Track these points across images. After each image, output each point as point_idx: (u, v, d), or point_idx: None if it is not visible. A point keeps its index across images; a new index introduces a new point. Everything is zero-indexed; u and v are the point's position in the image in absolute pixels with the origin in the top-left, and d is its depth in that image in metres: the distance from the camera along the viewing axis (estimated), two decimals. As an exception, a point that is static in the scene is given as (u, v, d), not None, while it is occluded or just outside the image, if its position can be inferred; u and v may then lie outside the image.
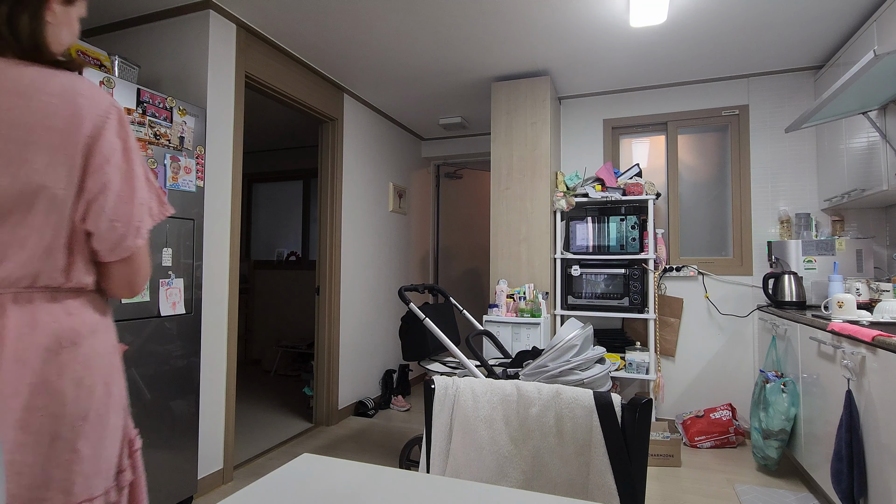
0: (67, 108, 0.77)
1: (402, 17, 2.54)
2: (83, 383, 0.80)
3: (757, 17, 2.54)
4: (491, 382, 1.08)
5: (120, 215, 0.81)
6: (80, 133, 0.77)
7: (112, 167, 0.80)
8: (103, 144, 0.79)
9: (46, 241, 0.77)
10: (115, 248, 0.82)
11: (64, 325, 0.79)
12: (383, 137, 4.18)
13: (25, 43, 0.78)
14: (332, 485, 0.77)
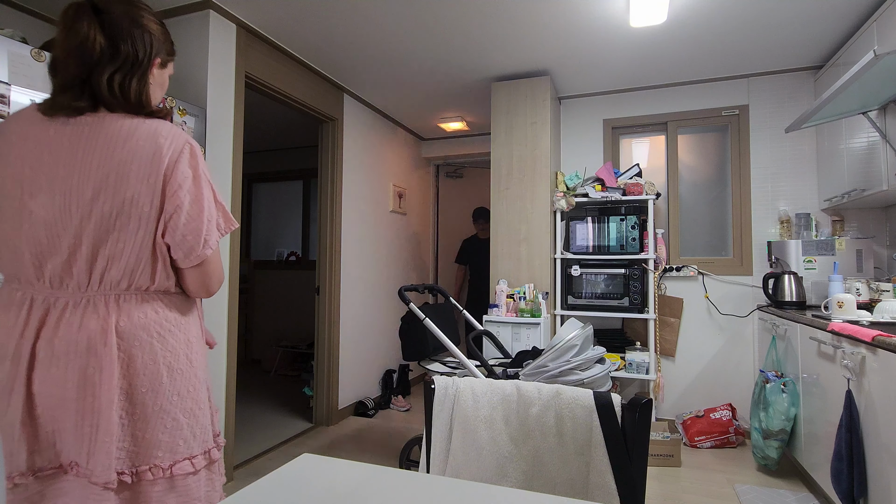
0: (151, 146, 0.96)
1: (402, 17, 2.54)
2: (173, 367, 0.99)
3: (757, 17, 2.54)
4: (491, 382, 1.08)
5: (190, 230, 0.98)
6: (160, 166, 0.96)
7: (184, 192, 0.98)
8: (177, 174, 0.97)
9: (137, 252, 0.96)
10: (187, 256, 1.00)
11: (151, 321, 0.98)
12: (383, 137, 4.18)
13: (132, 103, 1.00)
14: (332, 485, 0.77)
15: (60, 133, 0.96)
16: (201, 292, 1.06)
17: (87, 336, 0.93)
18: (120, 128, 0.96)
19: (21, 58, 1.61)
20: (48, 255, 0.95)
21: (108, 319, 0.94)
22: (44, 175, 0.95)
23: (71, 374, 0.92)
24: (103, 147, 0.95)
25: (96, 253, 0.95)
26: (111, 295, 0.96)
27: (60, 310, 0.94)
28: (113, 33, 0.98)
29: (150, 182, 0.96)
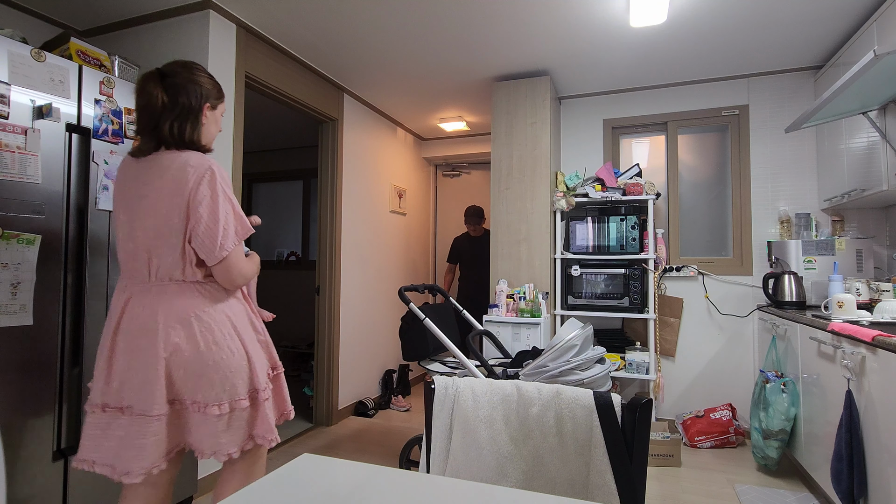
0: (181, 174, 1.29)
1: (402, 17, 2.54)
2: (208, 339, 1.30)
3: (757, 17, 2.54)
4: (491, 382, 1.08)
5: (207, 237, 1.29)
6: (186, 189, 1.28)
7: (203, 208, 1.28)
8: (198, 194, 1.29)
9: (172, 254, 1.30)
10: (208, 257, 1.30)
11: (189, 306, 1.30)
12: (383, 137, 4.18)
13: (186, 141, 1.34)
14: (332, 485, 0.77)
15: (135, 169, 1.34)
16: (228, 284, 1.36)
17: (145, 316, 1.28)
18: (164, 161, 1.30)
19: (21, 58, 1.61)
20: (131, 257, 1.33)
21: (157, 305, 1.28)
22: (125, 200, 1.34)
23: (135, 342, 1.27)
24: (153, 177, 1.30)
25: (149, 254, 1.30)
26: (161, 286, 1.30)
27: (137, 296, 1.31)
28: (173, 91, 1.33)
29: (178, 202, 1.28)
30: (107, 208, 1.86)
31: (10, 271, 1.57)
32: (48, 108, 1.67)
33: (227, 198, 1.32)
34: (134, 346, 1.27)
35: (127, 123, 1.93)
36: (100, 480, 1.83)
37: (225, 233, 1.29)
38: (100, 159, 1.83)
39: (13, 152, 1.58)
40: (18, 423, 1.60)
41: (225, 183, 1.32)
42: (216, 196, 1.29)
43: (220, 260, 1.30)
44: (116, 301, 1.34)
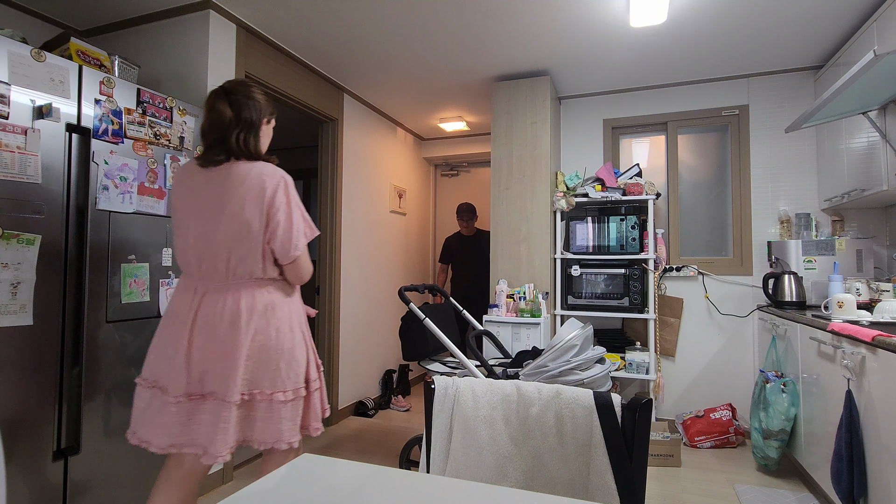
0: (259, 184, 1.44)
1: (403, 17, 2.54)
2: (280, 330, 1.46)
3: (757, 17, 2.54)
4: (491, 382, 1.08)
5: (285, 239, 1.46)
6: (265, 196, 1.44)
7: (280, 213, 1.45)
8: (275, 202, 1.45)
9: (253, 254, 1.45)
10: (284, 256, 1.47)
11: (266, 299, 1.46)
12: (383, 137, 4.18)
13: (252, 152, 1.50)
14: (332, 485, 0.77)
15: (205, 177, 1.47)
16: (296, 280, 1.55)
17: (228, 309, 1.41)
18: (240, 172, 1.45)
19: (21, 58, 1.61)
20: (203, 258, 1.45)
21: (239, 299, 1.43)
22: (198, 206, 1.46)
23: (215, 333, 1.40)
24: (231, 186, 1.44)
25: (229, 255, 1.44)
26: (240, 283, 1.45)
27: (212, 294, 1.44)
28: (237, 107, 1.49)
29: (259, 208, 1.43)
30: (106, 208, 1.86)
31: (10, 271, 1.57)
32: (48, 108, 1.67)
33: (297, 204, 1.50)
34: (216, 337, 1.40)
35: (127, 123, 1.93)
36: (100, 480, 1.83)
37: (297, 235, 1.48)
38: (100, 159, 1.83)
39: (13, 152, 1.58)
40: (18, 423, 1.60)
41: (294, 191, 1.51)
42: (290, 203, 1.48)
43: (293, 259, 1.48)
44: (184, 299, 1.45)
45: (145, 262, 2.01)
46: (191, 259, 1.47)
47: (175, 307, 1.46)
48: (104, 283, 1.86)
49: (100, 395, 1.84)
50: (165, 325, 1.47)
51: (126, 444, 1.93)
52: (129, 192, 1.93)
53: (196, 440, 1.38)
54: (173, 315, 1.45)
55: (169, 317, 1.47)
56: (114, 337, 1.89)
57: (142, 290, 1.99)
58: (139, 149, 1.98)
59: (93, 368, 1.81)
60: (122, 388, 1.92)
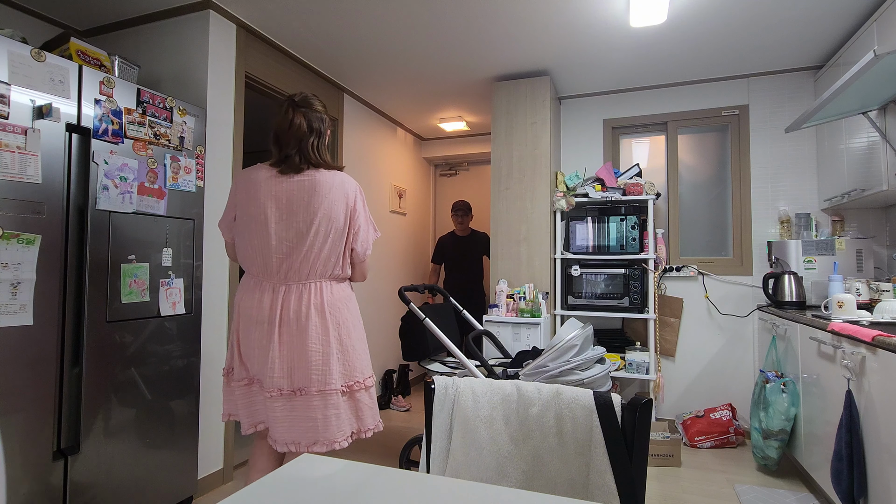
0: (343, 189, 1.62)
1: (403, 17, 2.54)
2: (353, 322, 1.63)
3: (757, 17, 2.54)
4: (491, 382, 1.08)
5: (364, 240, 1.65)
6: (348, 200, 1.62)
7: (362, 218, 1.65)
8: (357, 208, 1.64)
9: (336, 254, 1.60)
10: (362, 256, 1.66)
11: (344, 294, 1.63)
12: (383, 137, 4.18)
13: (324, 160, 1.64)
14: (332, 485, 0.77)
15: (291, 184, 1.58)
16: (362, 278, 1.73)
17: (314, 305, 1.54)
18: (327, 180, 1.60)
19: (21, 58, 1.61)
20: (286, 258, 1.57)
21: (321, 295, 1.57)
22: (283, 211, 1.57)
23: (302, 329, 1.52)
24: (323, 193, 1.58)
25: (317, 255, 1.57)
26: (321, 280, 1.59)
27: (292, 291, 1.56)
28: (309, 119, 1.63)
29: (346, 213, 1.60)
30: (106, 208, 1.86)
31: (10, 271, 1.57)
32: (48, 108, 1.67)
33: (367, 210, 1.69)
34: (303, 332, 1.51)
35: (127, 123, 1.93)
36: (100, 480, 1.83)
37: (371, 237, 1.68)
38: (100, 159, 1.83)
39: (13, 152, 1.58)
40: (18, 423, 1.60)
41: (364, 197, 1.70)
42: (365, 209, 1.67)
43: (365, 259, 1.68)
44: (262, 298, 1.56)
45: (145, 262, 2.01)
46: (271, 260, 1.57)
47: (250, 306, 1.58)
48: (104, 283, 1.86)
49: (100, 395, 1.84)
50: (244, 324, 1.59)
51: (126, 444, 1.93)
52: (129, 192, 1.93)
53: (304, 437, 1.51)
54: (249, 313, 1.58)
55: (246, 316, 1.59)
56: (114, 337, 1.89)
57: (142, 290, 1.99)
58: (139, 149, 1.98)
59: (93, 368, 1.81)
60: (122, 388, 1.92)
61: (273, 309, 1.54)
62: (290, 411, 1.51)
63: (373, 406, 1.60)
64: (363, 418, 1.57)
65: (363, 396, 1.57)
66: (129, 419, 1.94)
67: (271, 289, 1.57)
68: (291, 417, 1.51)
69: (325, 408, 1.49)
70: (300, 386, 1.51)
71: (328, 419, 1.48)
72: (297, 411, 1.50)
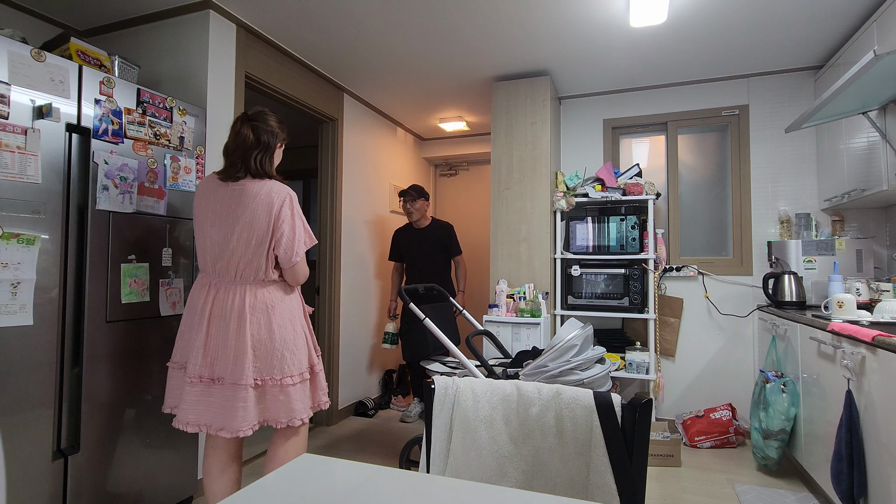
0: (269, 198, 1.68)
1: (402, 17, 2.54)
2: (281, 324, 1.70)
3: (757, 17, 2.54)
4: (491, 382, 1.08)
5: (287, 247, 1.69)
6: (272, 209, 1.67)
7: (284, 224, 1.69)
8: (281, 215, 1.68)
9: (259, 258, 1.67)
10: (285, 263, 1.71)
11: (268, 298, 1.70)
12: (383, 137, 4.18)
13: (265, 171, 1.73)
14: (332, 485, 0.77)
15: (226, 191, 1.70)
16: (293, 282, 1.78)
17: (236, 305, 1.65)
18: (254, 188, 1.68)
19: (21, 58, 1.61)
20: (217, 259, 1.69)
21: (245, 297, 1.66)
22: (217, 215, 1.69)
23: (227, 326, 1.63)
24: (247, 201, 1.67)
25: (239, 259, 1.67)
26: (247, 283, 1.68)
27: (223, 290, 1.68)
28: (258, 132, 1.72)
29: (268, 221, 1.67)
30: (106, 208, 1.86)
31: (10, 271, 1.57)
32: (48, 108, 1.67)
33: (300, 216, 1.73)
34: (226, 329, 1.63)
35: (127, 123, 1.93)
36: (100, 480, 1.83)
37: (298, 244, 1.71)
38: (100, 159, 1.83)
39: (13, 152, 1.58)
40: (18, 423, 1.60)
41: (297, 206, 1.74)
42: (293, 216, 1.71)
43: (293, 264, 1.71)
44: (201, 293, 1.69)
45: (145, 262, 2.01)
46: (207, 260, 1.71)
47: (194, 300, 1.71)
48: (104, 283, 1.86)
49: (100, 395, 1.84)
50: (188, 315, 1.72)
51: (126, 443, 1.93)
52: (129, 192, 1.93)
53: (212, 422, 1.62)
54: (193, 307, 1.70)
55: (190, 308, 1.72)
56: (114, 337, 1.89)
57: (142, 290, 1.99)
58: (139, 149, 1.98)
59: (93, 368, 1.81)
60: (122, 388, 1.92)
61: (206, 304, 1.66)
62: (206, 397, 1.63)
63: (288, 403, 1.67)
64: (275, 411, 1.67)
65: (277, 393, 1.66)
66: (129, 419, 1.94)
67: (208, 285, 1.70)
68: (205, 402, 1.63)
69: (234, 399, 1.59)
70: (219, 376, 1.62)
71: (235, 410, 1.59)
72: (211, 398, 1.62)
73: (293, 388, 1.69)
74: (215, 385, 1.63)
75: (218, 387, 1.63)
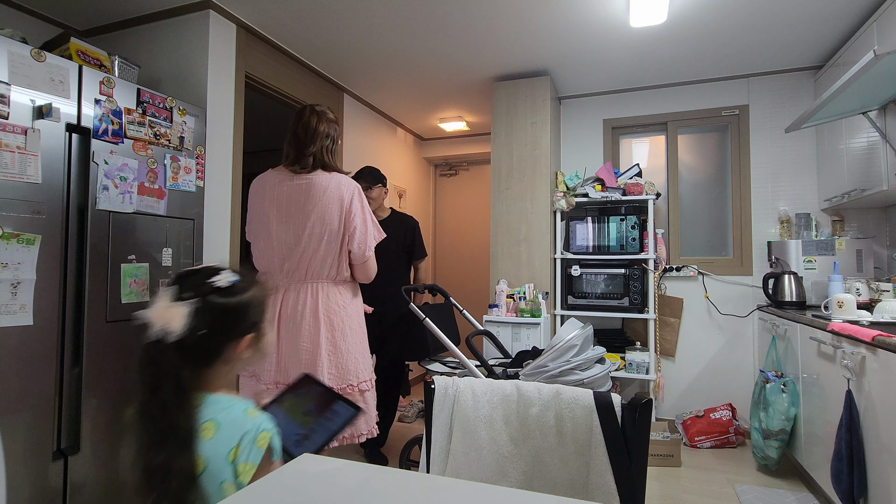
0: (339, 191, 1.65)
1: (403, 17, 2.54)
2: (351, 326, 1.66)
3: (757, 17, 2.54)
4: (491, 382, 1.08)
5: (360, 241, 1.65)
6: (343, 202, 1.64)
7: (357, 218, 1.65)
8: (352, 207, 1.65)
9: (333, 255, 1.63)
10: (359, 258, 1.66)
11: (341, 300, 1.66)
12: (383, 137, 4.18)
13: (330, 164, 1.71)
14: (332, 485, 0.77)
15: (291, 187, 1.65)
16: (364, 279, 1.73)
17: (309, 306, 1.60)
18: (323, 182, 1.65)
19: (21, 58, 1.61)
20: (286, 259, 1.64)
21: (317, 296, 1.62)
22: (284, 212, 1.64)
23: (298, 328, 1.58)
24: (317, 195, 1.63)
25: (311, 256, 1.62)
26: (319, 281, 1.64)
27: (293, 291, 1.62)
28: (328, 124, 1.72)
29: (340, 215, 1.63)
30: (106, 208, 1.86)
31: (10, 271, 1.57)
32: (48, 108, 1.67)
33: (368, 210, 1.69)
34: (297, 331, 1.58)
35: (127, 123, 1.93)
36: (100, 480, 1.83)
37: (370, 238, 1.67)
38: (100, 159, 1.83)
39: (13, 152, 1.58)
40: (18, 423, 1.60)
41: (365, 199, 1.71)
42: (363, 210, 1.67)
43: (366, 259, 1.67)
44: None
45: (145, 262, 2.01)
46: (274, 260, 1.66)
47: None
48: (104, 283, 1.86)
49: (100, 395, 1.84)
50: None
51: (126, 443, 1.93)
52: (129, 192, 1.93)
53: None
54: None
55: None
56: (114, 337, 1.89)
57: (142, 290, 1.99)
58: (139, 149, 1.98)
59: (93, 368, 1.81)
60: (122, 387, 1.92)
61: (273, 307, 1.61)
62: None
63: (368, 411, 1.62)
64: (355, 423, 1.57)
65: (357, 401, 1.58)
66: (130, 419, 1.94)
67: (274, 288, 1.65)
68: None
69: None
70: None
71: None
72: None
73: (369, 394, 1.65)
74: None
75: None
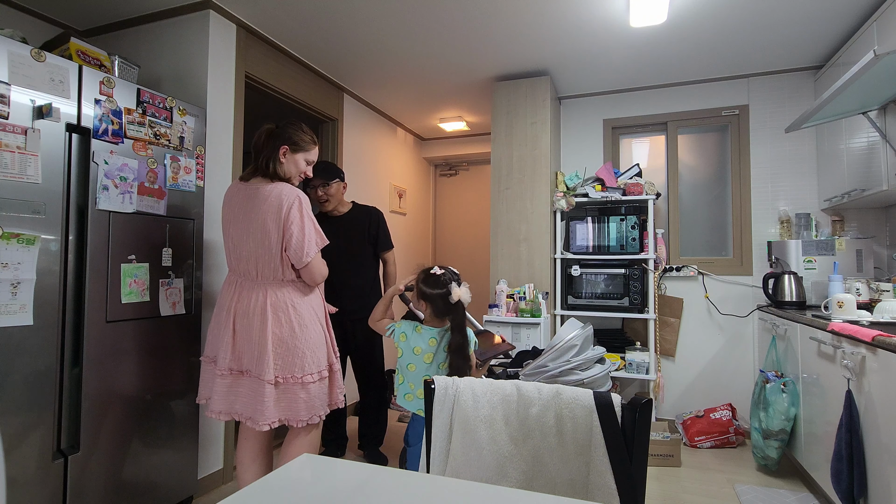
0: (279, 200, 1.73)
1: (403, 17, 2.54)
2: (300, 323, 1.75)
3: (757, 17, 2.54)
4: (491, 382, 1.08)
5: (297, 248, 1.73)
6: (281, 211, 1.72)
7: (294, 225, 1.72)
8: (290, 216, 1.72)
9: (275, 259, 1.74)
10: (297, 262, 1.75)
11: (289, 297, 1.76)
12: (383, 137, 4.18)
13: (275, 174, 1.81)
14: (332, 485, 0.77)
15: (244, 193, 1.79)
16: (310, 282, 1.82)
17: (259, 304, 1.72)
18: (265, 191, 1.76)
19: (21, 58, 1.61)
20: (239, 260, 1.78)
21: (266, 296, 1.73)
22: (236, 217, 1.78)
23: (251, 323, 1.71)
24: (259, 203, 1.75)
25: (256, 260, 1.75)
26: (267, 283, 1.75)
27: (246, 289, 1.76)
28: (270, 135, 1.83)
29: (278, 222, 1.72)
30: (106, 208, 1.86)
31: (10, 271, 1.57)
32: (48, 108, 1.67)
33: (309, 218, 1.77)
34: (249, 325, 1.71)
35: (127, 123, 1.93)
36: (100, 480, 1.83)
37: (309, 244, 1.75)
38: (100, 159, 1.83)
39: (13, 152, 1.58)
40: (18, 423, 1.60)
41: (307, 207, 1.77)
42: (302, 217, 1.75)
43: (305, 264, 1.75)
44: (227, 292, 1.79)
45: (145, 262, 2.01)
46: (231, 260, 1.82)
47: (222, 298, 1.81)
48: (104, 282, 1.86)
49: (100, 395, 1.84)
50: (217, 312, 1.81)
51: (126, 443, 1.93)
52: (129, 192, 1.93)
53: (241, 411, 1.71)
54: (221, 304, 1.80)
55: (218, 305, 1.82)
56: (114, 337, 1.89)
57: (142, 290, 1.99)
58: (139, 149, 1.98)
59: (93, 368, 1.81)
60: (122, 388, 1.92)
61: (231, 301, 1.76)
62: (235, 388, 1.72)
63: (309, 400, 1.73)
64: (296, 409, 1.71)
65: (298, 391, 1.71)
66: (129, 419, 1.94)
67: (234, 283, 1.79)
68: (234, 393, 1.72)
69: (258, 392, 1.67)
70: (246, 368, 1.71)
71: (256, 403, 1.67)
72: (240, 388, 1.72)
73: (314, 386, 1.75)
74: (244, 377, 1.72)
75: (246, 378, 1.71)
